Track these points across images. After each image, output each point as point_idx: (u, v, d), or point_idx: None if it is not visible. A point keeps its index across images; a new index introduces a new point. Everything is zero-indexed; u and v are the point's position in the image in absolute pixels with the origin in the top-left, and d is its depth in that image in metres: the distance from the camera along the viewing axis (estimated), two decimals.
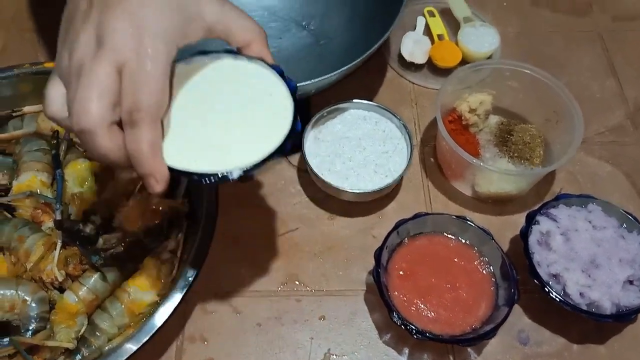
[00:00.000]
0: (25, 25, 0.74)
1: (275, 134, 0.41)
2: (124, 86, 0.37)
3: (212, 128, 0.42)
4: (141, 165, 0.38)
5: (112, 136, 0.38)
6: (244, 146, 0.41)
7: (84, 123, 0.37)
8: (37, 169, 0.58)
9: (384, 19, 0.66)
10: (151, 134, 0.38)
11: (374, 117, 0.64)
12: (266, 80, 0.43)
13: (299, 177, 0.65)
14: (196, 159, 0.40)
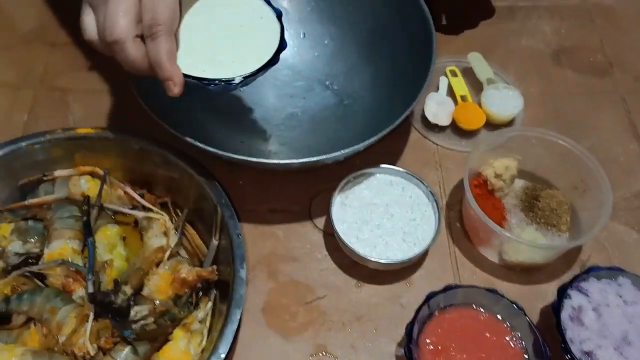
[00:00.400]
0: (54, 85, 0.75)
1: (267, 49, 0.52)
2: (144, 5, 0.45)
3: (215, 45, 0.51)
4: (161, 70, 0.47)
5: (137, 46, 0.46)
6: (242, 59, 0.51)
7: (115, 35, 0.45)
8: (69, 236, 0.59)
9: (409, 79, 0.68)
10: (168, 44, 0.46)
11: (401, 183, 0.65)
12: (257, 7, 0.54)
13: (325, 241, 0.65)
14: (204, 69, 0.50)
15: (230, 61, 0.51)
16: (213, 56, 0.51)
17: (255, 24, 0.53)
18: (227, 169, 0.68)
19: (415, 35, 0.68)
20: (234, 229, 0.58)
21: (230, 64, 0.51)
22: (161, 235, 0.61)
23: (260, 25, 0.53)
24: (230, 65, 0.51)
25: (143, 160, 0.64)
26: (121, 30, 0.45)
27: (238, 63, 0.51)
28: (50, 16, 0.81)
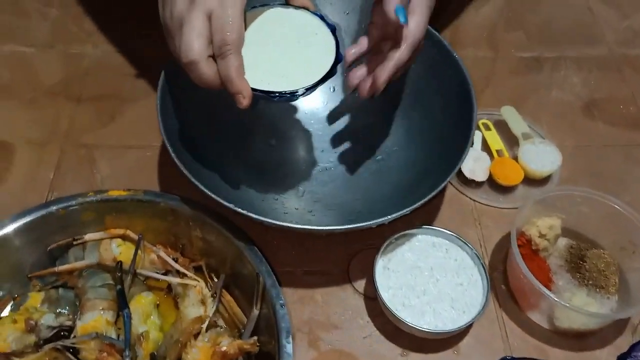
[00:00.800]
0: (80, 141, 0.73)
1: (324, 62, 0.55)
2: (214, 28, 0.50)
3: (277, 60, 0.55)
4: (232, 85, 0.51)
5: (210, 65, 0.51)
6: (302, 72, 0.55)
7: (190, 56, 0.50)
8: (103, 307, 0.56)
9: (446, 134, 0.67)
10: (236, 61, 0.51)
11: (444, 245, 0.63)
12: (311, 23, 0.58)
13: (366, 305, 0.63)
14: (269, 83, 0.54)
15: (291, 74, 0.55)
16: (275, 70, 0.55)
17: (311, 39, 0.57)
18: (259, 226, 0.66)
19: (451, 90, 0.67)
20: (276, 299, 0.55)
21: (292, 77, 0.55)
22: (198, 304, 0.58)
23: (316, 41, 0.57)
24: (292, 78, 0.55)
25: (176, 222, 0.61)
26: (195, 52, 0.50)
27: (299, 76, 0.55)
28: (74, 69, 0.79)
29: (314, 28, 0.57)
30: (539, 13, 0.91)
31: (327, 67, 0.55)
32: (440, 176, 0.61)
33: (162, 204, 0.60)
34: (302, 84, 0.54)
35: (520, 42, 0.87)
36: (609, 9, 0.93)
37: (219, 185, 0.65)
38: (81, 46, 0.81)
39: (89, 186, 0.68)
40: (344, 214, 0.67)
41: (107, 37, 0.83)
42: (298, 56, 0.56)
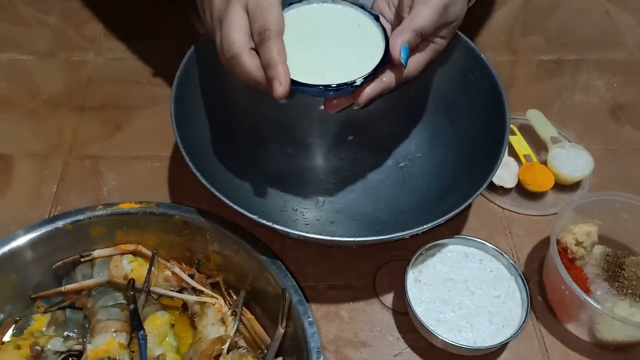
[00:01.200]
0: (84, 152, 0.68)
1: (375, 51, 0.53)
2: (252, 17, 0.50)
3: (326, 54, 0.53)
4: (272, 68, 0.49)
5: (252, 57, 0.50)
6: (355, 63, 0.52)
7: (233, 50, 0.50)
8: (115, 329, 0.51)
9: (474, 140, 0.63)
10: (277, 44, 0.49)
11: (478, 255, 0.59)
12: (352, 14, 0.56)
13: (395, 321, 0.59)
14: (323, 76, 0.52)
15: (344, 67, 0.53)
16: (327, 64, 0.53)
17: (356, 30, 0.55)
18: (279, 240, 0.62)
19: (479, 93, 0.64)
20: (304, 316, 0.51)
21: (345, 70, 0.52)
22: (218, 323, 0.54)
23: (362, 31, 0.55)
24: (346, 71, 0.52)
25: (192, 236, 0.57)
26: (237, 45, 0.50)
27: (352, 67, 0.52)
28: (77, 78, 0.75)
29: (356, 19, 0.55)
30: (555, 18, 0.89)
31: (379, 55, 0.52)
32: (472, 184, 0.57)
33: (176, 217, 0.56)
34: (357, 74, 0.51)
35: (539, 46, 0.84)
36: (626, 14, 0.90)
37: (236, 196, 0.60)
38: (83, 54, 0.78)
39: (95, 200, 0.64)
40: (368, 225, 0.63)
41: (109, 44, 0.80)
42: (347, 48, 0.54)
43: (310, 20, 0.55)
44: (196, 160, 0.56)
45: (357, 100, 0.52)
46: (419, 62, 0.54)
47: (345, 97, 0.53)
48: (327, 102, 0.53)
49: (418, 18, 0.51)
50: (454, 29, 0.55)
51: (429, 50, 0.54)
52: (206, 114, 0.63)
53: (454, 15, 0.53)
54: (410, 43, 0.51)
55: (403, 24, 0.52)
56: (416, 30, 0.51)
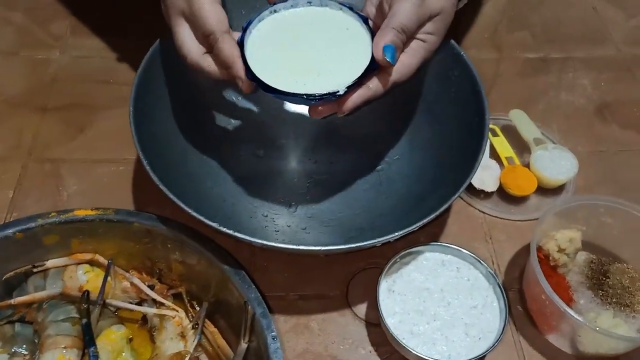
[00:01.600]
0: (44, 155, 0.65)
1: (362, 57, 0.50)
2: (192, 25, 0.50)
3: (311, 58, 0.51)
4: (230, 69, 0.49)
5: (209, 61, 0.50)
6: (340, 70, 0.49)
7: (188, 61, 0.50)
8: (65, 345, 0.48)
9: (453, 141, 0.60)
10: (225, 43, 0.49)
11: (455, 262, 0.56)
12: (340, 17, 0.53)
13: (368, 333, 0.56)
14: (305, 83, 0.49)
15: (329, 74, 0.50)
16: (311, 71, 0.50)
17: (344, 34, 0.52)
18: (247, 248, 0.59)
19: (459, 93, 0.61)
20: (268, 330, 0.48)
21: (329, 77, 0.50)
22: (177, 338, 0.51)
23: (350, 35, 0.52)
24: (330, 78, 0.50)
25: (153, 244, 0.54)
26: (190, 56, 0.50)
27: (338, 74, 0.50)
28: (40, 77, 0.72)
29: (344, 23, 0.53)
30: (542, 13, 0.86)
31: (367, 60, 0.49)
32: (450, 188, 0.54)
33: (136, 224, 0.53)
34: (342, 83, 0.48)
35: (525, 43, 0.81)
36: (614, 9, 0.87)
37: (202, 202, 0.57)
38: (47, 52, 0.74)
39: (54, 206, 0.60)
40: (342, 231, 0.60)
41: (76, 41, 0.76)
42: (333, 54, 0.51)
43: (295, 24, 0.53)
44: (157, 164, 0.53)
45: (340, 109, 0.49)
46: (411, 65, 0.50)
47: (330, 104, 0.49)
48: (312, 108, 0.49)
49: (397, 15, 0.48)
50: (442, 22, 0.51)
51: (421, 50, 0.50)
52: (170, 114, 0.59)
53: (434, 7, 0.50)
54: (394, 42, 0.47)
55: (383, 24, 0.48)
56: (397, 27, 0.47)
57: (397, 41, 0.48)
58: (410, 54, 0.50)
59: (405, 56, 0.50)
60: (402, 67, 0.50)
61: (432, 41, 0.51)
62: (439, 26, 0.51)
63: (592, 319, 0.55)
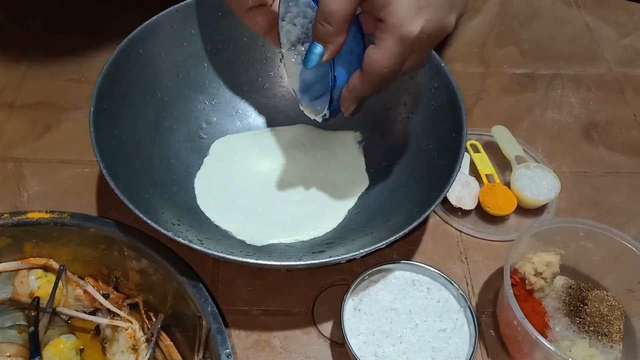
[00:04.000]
0: (6, 154, 0.63)
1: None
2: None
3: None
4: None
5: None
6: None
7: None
8: (10, 353, 0.46)
9: (430, 154, 0.58)
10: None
11: (425, 283, 0.54)
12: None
13: (332, 353, 0.53)
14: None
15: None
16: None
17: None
18: (212, 259, 0.57)
19: (436, 105, 0.59)
20: (222, 347, 0.46)
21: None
22: (129, 351, 0.48)
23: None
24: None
25: (109, 251, 0.52)
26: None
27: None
28: (10, 73, 0.70)
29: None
30: (533, 29, 0.84)
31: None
32: (423, 204, 0.52)
33: (92, 230, 0.51)
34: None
35: (513, 58, 0.79)
36: (608, 27, 0.86)
37: (167, 208, 0.55)
38: (21, 49, 0.72)
39: (14, 207, 0.58)
40: (311, 245, 0.58)
41: (50, 39, 0.74)
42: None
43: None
44: (119, 167, 0.51)
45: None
46: (383, 52, 0.43)
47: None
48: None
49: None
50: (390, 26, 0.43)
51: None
52: (137, 117, 0.57)
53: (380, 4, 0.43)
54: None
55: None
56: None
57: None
58: (382, 40, 0.44)
59: (376, 46, 0.44)
60: (376, 55, 0.44)
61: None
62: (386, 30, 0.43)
63: (566, 347, 0.52)
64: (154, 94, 0.59)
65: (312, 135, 0.66)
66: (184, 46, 0.61)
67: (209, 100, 0.64)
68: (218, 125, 0.64)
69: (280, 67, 0.66)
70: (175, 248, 0.50)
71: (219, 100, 0.65)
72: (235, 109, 0.65)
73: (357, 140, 0.65)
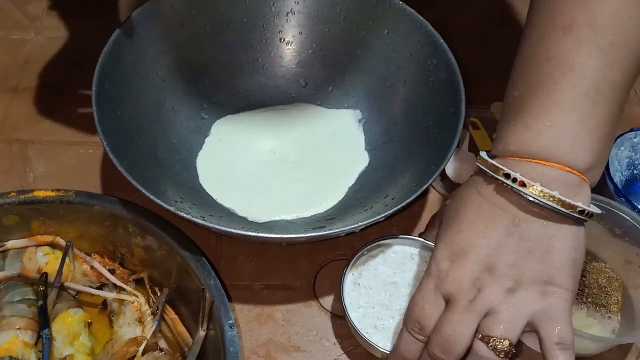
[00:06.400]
0: (12, 136, 0.64)
1: None
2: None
3: None
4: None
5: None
6: None
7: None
8: (20, 326, 0.47)
9: (430, 130, 0.59)
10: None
11: (424, 257, 0.54)
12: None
13: (333, 325, 0.54)
14: None
15: None
16: None
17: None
18: (215, 235, 0.58)
19: (436, 81, 0.59)
20: (225, 318, 0.47)
21: None
22: (135, 323, 0.50)
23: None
24: None
25: (114, 228, 0.53)
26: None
27: None
28: (13, 57, 0.71)
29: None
30: None
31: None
32: (422, 179, 0.53)
33: (97, 207, 0.52)
34: None
35: (515, 37, 0.79)
36: None
37: (169, 186, 0.57)
38: (22, 32, 0.73)
39: (20, 188, 0.59)
40: (312, 221, 0.59)
41: (52, 22, 0.75)
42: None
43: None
44: (122, 147, 0.52)
45: None
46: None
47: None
48: None
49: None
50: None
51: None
52: (139, 97, 0.58)
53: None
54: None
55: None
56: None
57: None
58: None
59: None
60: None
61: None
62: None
63: None
64: (155, 75, 0.60)
65: (313, 114, 0.66)
66: (184, 27, 0.62)
67: (209, 81, 0.64)
68: (219, 105, 0.65)
69: (280, 48, 0.67)
70: (179, 225, 0.52)
71: (220, 80, 0.65)
72: (236, 89, 0.66)
73: (357, 119, 0.66)
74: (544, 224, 0.44)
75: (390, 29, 0.63)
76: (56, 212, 0.52)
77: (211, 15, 0.63)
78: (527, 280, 0.43)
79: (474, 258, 0.44)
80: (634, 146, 0.63)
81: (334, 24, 0.65)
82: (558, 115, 0.44)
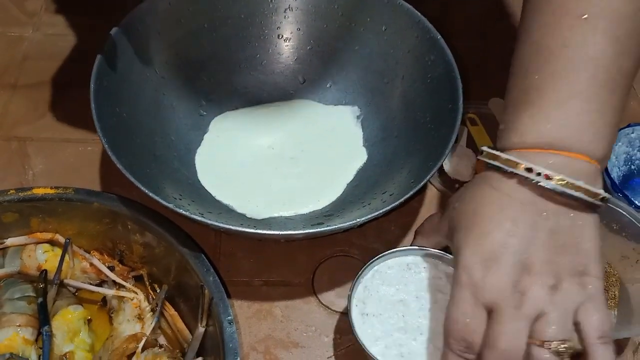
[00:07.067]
0: (11, 133, 0.64)
1: None
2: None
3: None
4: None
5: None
6: None
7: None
8: (20, 323, 0.47)
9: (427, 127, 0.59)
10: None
11: (419, 263, 0.51)
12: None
13: (332, 321, 0.54)
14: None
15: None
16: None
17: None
18: (214, 232, 0.58)
19: (433, 77, 0.59)
20: (224, 314, 0.47)
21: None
22: (134, 320, 0.50)
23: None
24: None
25: (113, 225, 0.53)
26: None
27: None
28: (11, 53, 0.71)
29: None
30: None
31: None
32: (420, 175, 0.53)
33: (96, 204, 0.52)
34: None
35: (513, 33, 0.79)
36: None
37: (168, 184, 0.57)
38: (20, 29, 0.73)
39: (19, 185, 0.59)
40: (309, 217, 0.59)
41: (50, 19, 0.75)
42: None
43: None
44: (121, 144, 0.52)
45: None
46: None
47: None
48: None
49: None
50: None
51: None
52: (137, 94, 0.58)
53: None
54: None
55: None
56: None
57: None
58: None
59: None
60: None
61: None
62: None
63: None
64: (153, 72, 0.60)
65: (311, 110, 0.67)
66: (182, 23, 0.62)
67: (207, 78, 0.64)
68: (217, 102, 0.65)
69: (279, 44, 0.67)
70: (178, 222, 0.52)
71: (218, 77, 0.65)
72: (234, 86, 0.66)
73: (356, 115, 0.66)
74: (571, 214, 0.42)
75: (388, 25, 0.63)
76: (55, 209, 0.52)
77: (209, 12, 0.63)
78: (566, 274, 0.41)
79: (509, 260, 0.41)
80: (632, 142, 0.63)
81: (332, 21, 0.65)
82: (580, 106, 0.43)
